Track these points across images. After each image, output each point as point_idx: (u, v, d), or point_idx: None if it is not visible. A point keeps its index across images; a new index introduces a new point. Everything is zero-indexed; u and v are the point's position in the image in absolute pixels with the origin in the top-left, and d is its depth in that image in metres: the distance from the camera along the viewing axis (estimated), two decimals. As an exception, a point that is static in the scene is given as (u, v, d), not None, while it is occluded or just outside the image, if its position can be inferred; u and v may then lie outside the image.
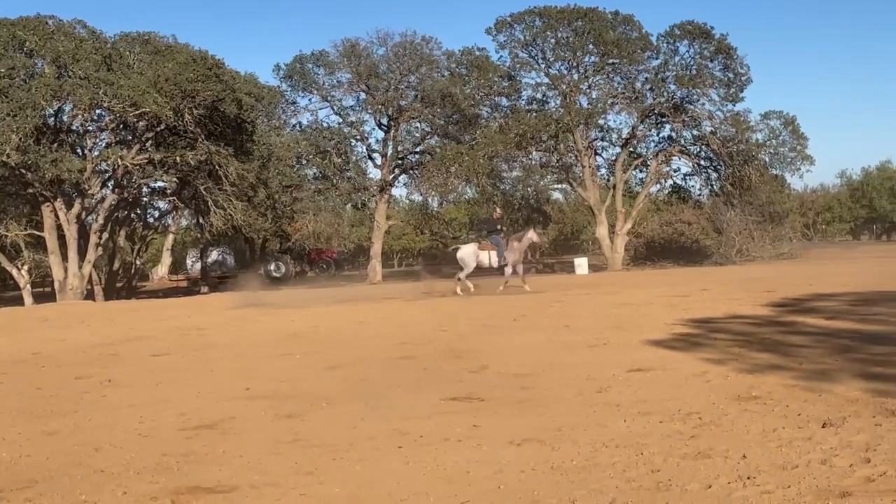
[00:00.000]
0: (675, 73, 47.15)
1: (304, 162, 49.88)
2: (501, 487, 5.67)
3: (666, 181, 51.72)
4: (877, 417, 6.89)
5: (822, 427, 6.70)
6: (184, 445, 7.46)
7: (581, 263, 45.50)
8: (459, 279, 27.03)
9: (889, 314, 13.90)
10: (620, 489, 5.44)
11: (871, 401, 7.50)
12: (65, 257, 36.30)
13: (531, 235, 27.75)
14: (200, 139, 36.04)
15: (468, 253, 27.25)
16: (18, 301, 38.29)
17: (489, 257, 26.89)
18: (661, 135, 50.51)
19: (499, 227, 28.17)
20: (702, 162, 49.98)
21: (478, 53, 48.42)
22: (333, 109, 50.76)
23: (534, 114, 47.86)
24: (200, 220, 44.05)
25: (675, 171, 51.49)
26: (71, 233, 36.04)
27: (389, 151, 51.19)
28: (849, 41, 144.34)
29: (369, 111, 50.75)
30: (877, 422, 6.75)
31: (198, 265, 60.07)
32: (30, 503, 5.84)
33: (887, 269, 27.86)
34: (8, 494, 6.06)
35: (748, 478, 5.47)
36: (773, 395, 8.06)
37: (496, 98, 49.38)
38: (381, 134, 51.77)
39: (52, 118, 36.70)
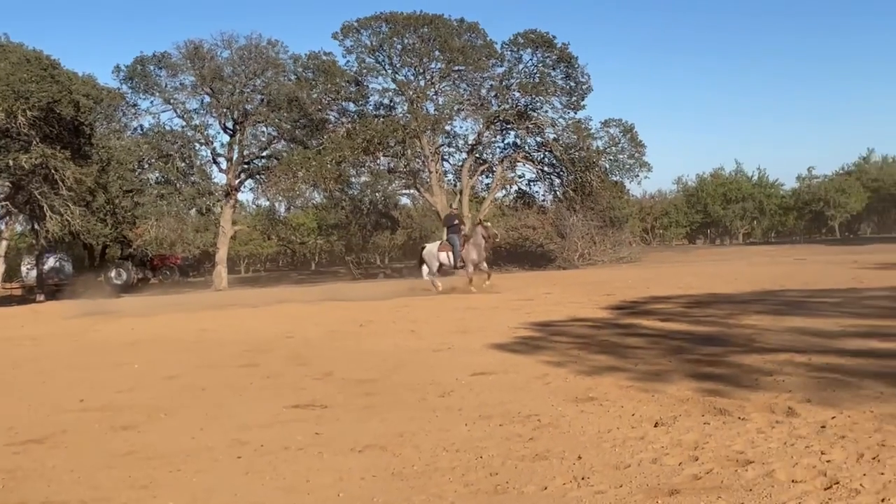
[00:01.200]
0: (519, 80, 48.04)
1: (146, 166, 48.44)
2: (341, 495, 5.64)
3: (511, 187, 52.64)
4: (706, 416, 7.15)
5: (655, 426, 6.91)
6: (10, 461, 7.13)
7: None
8: (425, 278, 27.32)
9: (719, 316, 14.48)
10: (459, 493, 5.48)
11: (700, 400, 7.78)
12: None
13: (480, 231, 26.50)
14: (35, 142, 34.62)
15: (430, 253, 26.97)
16: None
17: (448, 258, 26.41)
18: (506, 141, 51.42)
19: (456, 222, 27.24)
20: (545, 168, 51.04)
21: (325, 58, 48.17)
22: (177, 112, 49.50)
23: (381, 119, 47.90)
24: (36, 226, 42.26)
25: (519, 176, 52.43)
26: None
27: (235, 156, 50.28)
28: (684, 53, 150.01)
29: (214, 114, 49.73)
30: (705, 420, 7.00)
31: (33, 272, 57.62)
32: None
33: (720, 272, 29.04)
34: None
35: (583, 478, 5.59)
36: (609, 396, 8.27)
37: (343, 103, 49.22)
38: (226, 138, 50.80)
39: None
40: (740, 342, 11.28)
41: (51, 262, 56.03)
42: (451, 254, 26.28)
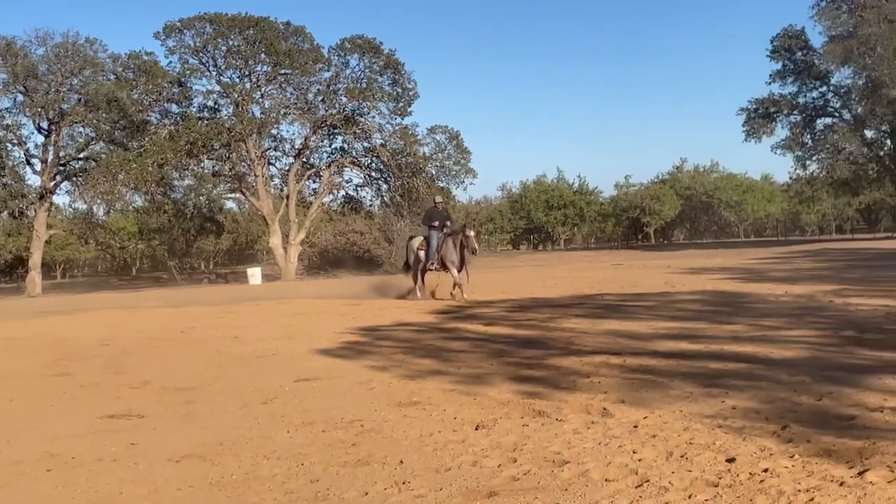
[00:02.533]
0: (346, 85, 48.03)
1: (-48, 166, 46.12)
2: (155, 507, 5.48)
3: (338, 192, 52.58)
4: (525, 418, 7.30)
5: (476, 429, 7.00)
6: None
7: (254, 273, 45.21)
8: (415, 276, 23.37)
9: (540, 319, 14.83)
10: (279, 501, 5.41)
11: (520, 402, 7.94)
12: None
13: (460, 238, 21.89)
14: None
15: (412, 248, 23.39)
16: None
17: (421, 256, 22.63)
18: (333, 146, 51.37)
19: (437, 222, 22.45)
20: (372, 173, 51.23)
21: (146, 58, 46.81)
22: (-11, 112, 47.27)
23: (205, 122, 46.95)
24: None
25: (347, 181, 52.46)
26: None
27: (50, 157, 48.36)
28: (509, 63, 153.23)
29: (27, 114, 47.66)
30: (525, 422, 7.15)
31: None
32: None
33: (541, 276, 29.75)
34: None
35: (404, 483, 5.61)
36: (432, 399, 8.34)
37: (166, 104, 48.01)
38: (40, 138, 48.83)
39: None
40: (559, 345, 11.59)
41: None
42: (422, 252, 22.50)
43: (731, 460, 5.59)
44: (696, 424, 6.64)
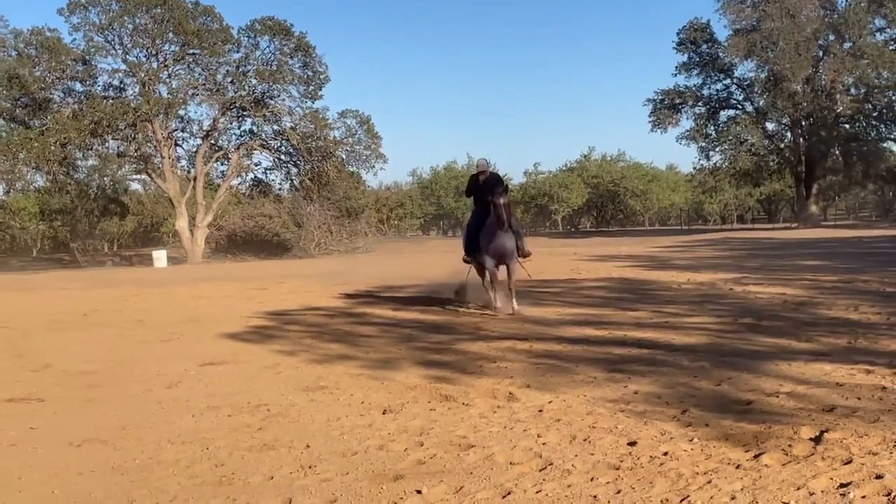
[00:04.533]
0: (256, 67, 47.50)
1: None
2: (56, 492, 5.37)
3: (247, 174, 52.09)
4: (432, 402, 7.35)
5: (383, 414, 7.03)
6: None
7: (160, 256, 44.48)
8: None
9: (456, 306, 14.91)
10: (183, 486, 5.36)
11: (428, 387, 7.99)
12: None
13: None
14: None
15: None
16: None
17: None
18: (242, 128, 50.84)
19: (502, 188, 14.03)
20: (282, 157, 50.85)
21: (49, 34, 45.61)
22: None
23: (110, 101, 45.98)
24: None
25: (256, 164, 51.98)
26: None
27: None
28: (421, 49, 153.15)
29: (-77, 88, 46.14)
30: (431, 406, 7.20)
31: None
32: None
33: (449, 262, 29.83)
34: None
35: (310, 467, 5.61)
36: (339, 384, 8.34)
37: (69, 82, 46.89)
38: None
39: None
40: (467, 330, 11.70)
41: None
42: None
43: (632, 444, 5.71)
44: (599, 409, 6.76)
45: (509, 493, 4.88)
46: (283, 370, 9.33)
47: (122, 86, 47.48)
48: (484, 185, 14.10)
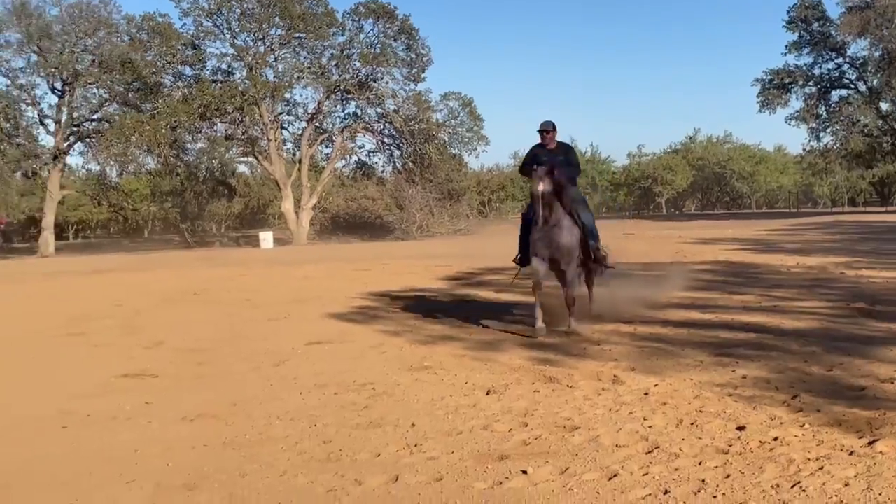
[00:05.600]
0: (360, 50, 47.84)
1: (-34, 125, 46.17)
2: (170, 465, 5.54)
3: (351, 157, 52.49)
4: (536, 384, 7.35)
5: (487, 394, 7.05)
6: None
7: (266, 238, 45.32)
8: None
9: (550, 287, 14.82)
10: (292, 462, 5.47)
11: (531, 368, 7.99)
12: None
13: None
14: None
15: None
16: None
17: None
18: (346, 111, 51.25)
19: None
20: (385, 139, 51.13)
21: (160, 20, 46.67)
22: (0, 71, 47.28)
23: (219, 84, 46.89)
24: None
25: (359, 147, 52.39)
26: None
27: (64, 118, 48.41)
28: (522, 28, 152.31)
29: (42, 74, 47.69)
30: (535, 388, 7.19)
31: None
32: None
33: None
34: None
35: (416, 445, 5.66)
36: (443, 364, 8.39)
37: (179, 67, 47.89)
38: (54, 99, 48.88)
39: None
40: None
41: None
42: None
43: (741, 428, 5.62)
44: (706, 393, 6.67)
45: (615, 475, 4.86)
46: (387, 350, 9.43)
47: (230, 69, 48.44)
48: (547, 160, 10.41)
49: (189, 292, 16.83)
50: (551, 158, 10.40)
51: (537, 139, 10.66)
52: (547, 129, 10.58)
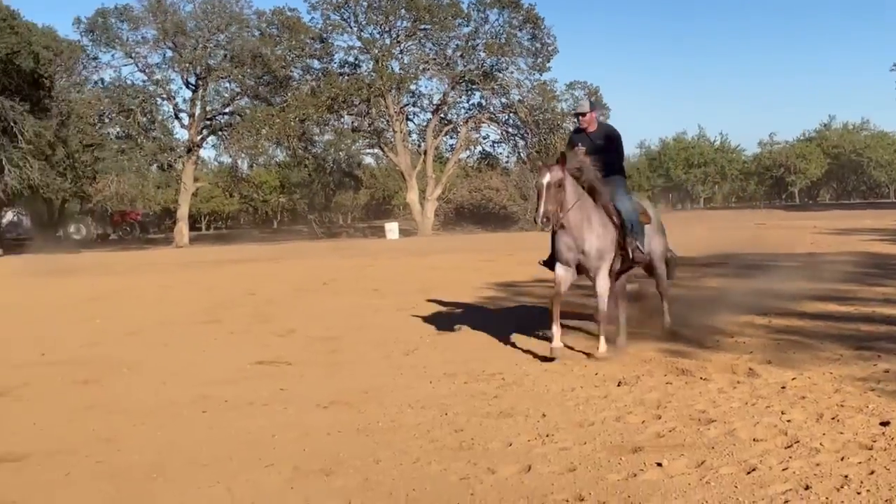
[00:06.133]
0: (485, 41, 47.83)
1: (107, 120, 47.93)
2: (306, 450, 5.64)
3: (475, 148, 52.53)
4: (668, 376, 7.23)
5: (618, 386, 6.97)
6: (-28, 414, 7.08)
7: (392, 228, 45.81)
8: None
9: (681, 278, 14.52)
10: (424, 449, 5.50)
11: (663, 360, 7.87)
12: None
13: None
14: (-8, 93, 34.10)
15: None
16: None
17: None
18: (471, 102, 51.30)
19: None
20: (510, 129, 51.01)
21: (289, 14, 47.66)
22: (138, 66, 48.99)
23: (346, 77, 47.58)
24: (-7, 179, 41.76)
25: (484, 138, 52.37)
26: None
27: (197, 111, 49.84)
28: (649, 15, 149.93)
29: (176, 69, 49.24)
30: (668, 380, 7.08)
31: (-8, 226, 56.94)
32: None
33: (681, 235, 29.09)
34: None
35: (547, 435, 5.63)
36: (573, 354, 8.33)
37: (308, 60, 48.81)
38: (188, 93, 50.40)
39: None
40: (702, 304, 11.38)
41: (9, 216, 55.42)
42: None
43: (885, 424, 5.42)
44: (847, 387, 6.45)
45: (754, 470, 4.74)
46: (516, 339, 9.41)
47: (356, 62, 49.10)
48: (587, 145, 9.16)
49: (318, 282, 17.12)
50: (590, 142, 9.21)
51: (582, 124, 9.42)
52: (582, 112, 9.43)
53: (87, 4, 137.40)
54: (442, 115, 50.46)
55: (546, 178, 8.33)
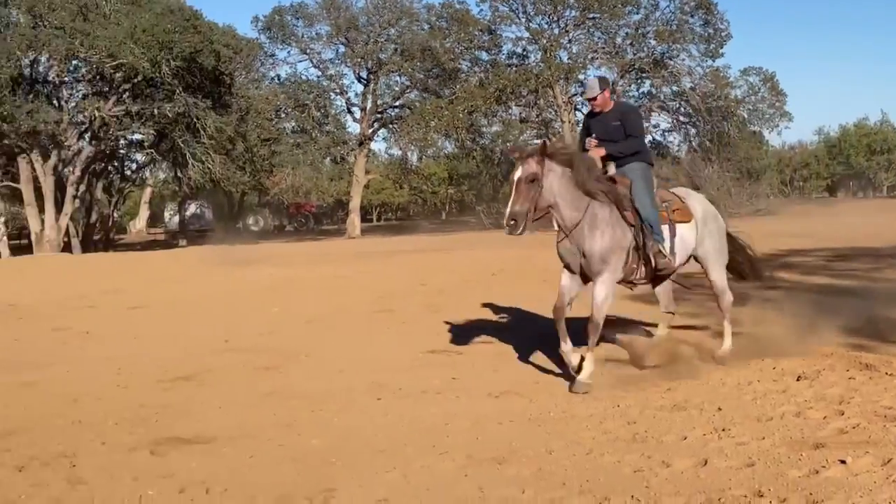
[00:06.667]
0: (655, 28, 46.95)
1: (283, 115, 49.52)
2: (479, 438, 5.71)
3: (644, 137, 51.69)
4: (850, 371, 6.96)
5: (797, 380, 6.77)
6: (162, 397, 7.46)
7: (560, 219, 45.56)
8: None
9: (862, 270, 14.02)
10: (597, 440, 5.49)
11: (845, 355, 7.58)
12: (42, 209, 36.05)
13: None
14: (178, 91, 35.62)
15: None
16: (-6, 254, 37.99)
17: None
18: (640, 90, 50.46)
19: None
20: (681, 118, 49.96)
21: (458, 6, 47.94)
22: (312, 62, 50.47)
23: (514, 68, 47.61)
24: (178, 173, 43.72)
25: (654, 127, 51.48)
26: (47, 185, 35.79)
27: (369, 105, 50.89)
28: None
29: (349, 64, 50.47)
30: (850, 375, 6.81)
31: (176, 218, 59.74)
32: (8, 453, 5.83)
33: (864, 225, 27.95)
34: (-14, 444, 6.04)
35: (723, 430, 5.52)
36: (749, 347, 8.12)
37: (476, 52, 49.05)
38: (360, 87, 51.54)
39: (28, 69, 36.22)
40: (885, 297, 10.89)
41: (192, 208, 57.99)
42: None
43: None
44: None
45: (948, 471, 4.52)
46: (692, 333, 9.25)
47: (524, 53, 49.02)
48: (599, 129, 8.26)
49: (487, 272, 17.22)
50: (603, 126, 8.16)
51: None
52: (592, 96, 8.15)
53: (265, 3, 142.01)
54: (611, 105, 49.83)
55: (517, 173, 7.36)
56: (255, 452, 5.70)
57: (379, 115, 51.75)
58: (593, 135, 8.15)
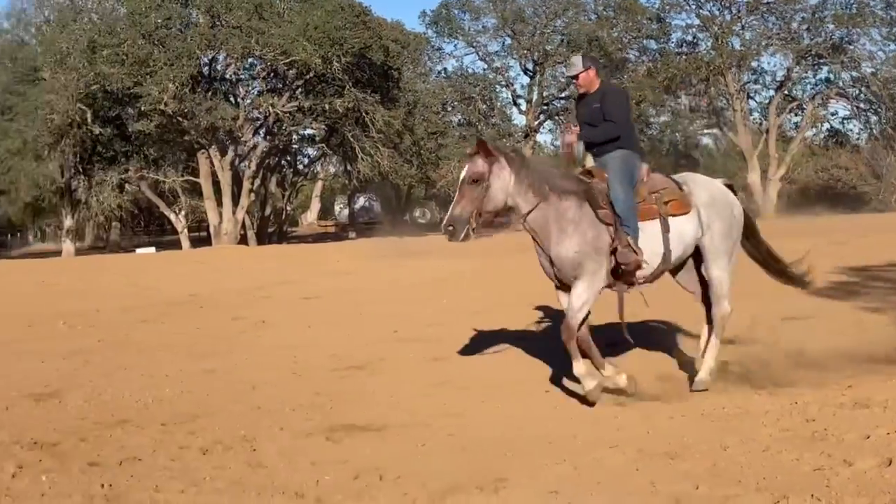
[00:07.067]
0: (833, 11, 45.14)
1: (449, 108, 50.05)
2: (650, 432, 5.64)
3: (822, 125, 49.81)
4: None
5: None
6: (336, 385, 7.67)
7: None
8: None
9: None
10: (774, 437, 5.32)
11: None
12: (219, 203, 37.58)
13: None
14: (348, 86, 36.44)
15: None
16: (176, 245, 39.75)
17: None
18: (817, 77, 48.67)
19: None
20: (861, 105, 47.90)
21: (628, -5, 47.35)
22: (478, 55, 50.78)
23: (683, 57, 46.72)
24: (348, 167, 44.78)
25: (832, 114, 49.58)
26: (225, 179, 37.32)
27: (535, 97, 50.80)
28: None
29: (514, 56, 50.52)
30: None
31: (345, 211, 61.17)
32: (192, 436, 6.10)
33: None
34: (171, 427, 6.34)
35: (911, 430, 5.27)
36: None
37: (644, 41, 48.39)
38: (525, 79, 51.52)
39: (207, 67, 37.81)
40: None
41: (361, 201, 59.23)
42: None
43: None
44: None
45: None
46: (868, 328, 8.86)
47: (694, 41, 48.08)
48: (583, 113, 7.48)
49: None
50: (587, 109, 7.33)
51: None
52: (573, 73, 7.43)
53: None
54: (786, 92, 48.26)
55: (462, 173, 6.68)
56: (427, 441, 5.79)
57: (545, 107, 51.60)
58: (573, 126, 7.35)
